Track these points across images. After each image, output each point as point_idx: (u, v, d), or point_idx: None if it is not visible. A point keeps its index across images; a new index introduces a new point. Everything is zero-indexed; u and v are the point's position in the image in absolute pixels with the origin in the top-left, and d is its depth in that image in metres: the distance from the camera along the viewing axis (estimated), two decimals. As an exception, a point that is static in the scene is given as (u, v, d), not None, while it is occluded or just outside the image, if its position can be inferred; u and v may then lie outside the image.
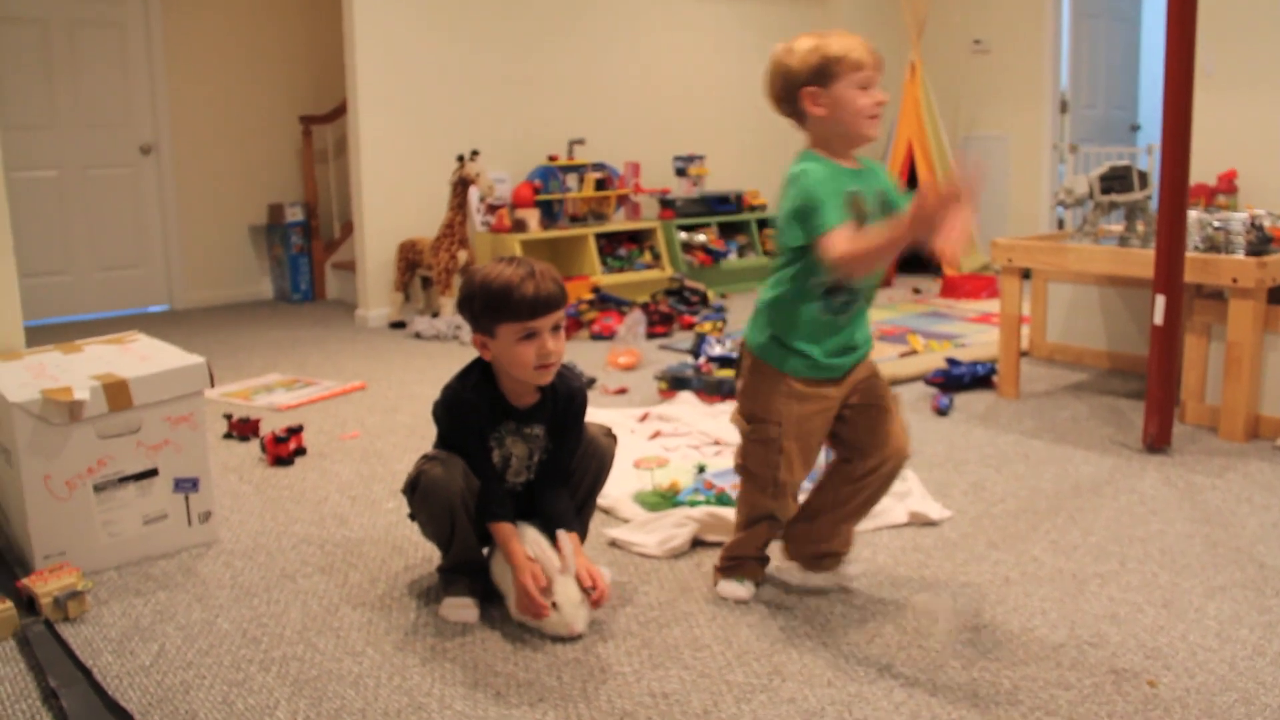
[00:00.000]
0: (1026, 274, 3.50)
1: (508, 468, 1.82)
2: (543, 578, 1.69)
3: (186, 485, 2.11)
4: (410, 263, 4.79)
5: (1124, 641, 1.66)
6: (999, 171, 6.24)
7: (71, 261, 5.30)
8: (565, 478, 1.83)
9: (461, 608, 1.78)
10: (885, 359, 3.84)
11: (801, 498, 1.85)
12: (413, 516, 1.90)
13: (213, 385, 2.15)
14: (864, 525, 2.15)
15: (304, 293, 5.83)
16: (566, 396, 1.80)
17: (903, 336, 4.22)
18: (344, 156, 5.80)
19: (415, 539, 2.16)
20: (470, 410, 1.75)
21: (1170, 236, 2.55)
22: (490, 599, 1.83)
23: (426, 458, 1.77)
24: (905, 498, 2.28)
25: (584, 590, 1.72)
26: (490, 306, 1.66)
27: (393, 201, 4.91)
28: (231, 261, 5.83)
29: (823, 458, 1.88)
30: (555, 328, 1.70)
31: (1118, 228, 3.16)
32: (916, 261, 6.28)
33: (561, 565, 1.72)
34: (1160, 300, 2.58)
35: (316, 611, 1.82)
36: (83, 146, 5.26)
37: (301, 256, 5.79)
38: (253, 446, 2.85)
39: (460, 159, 4.57)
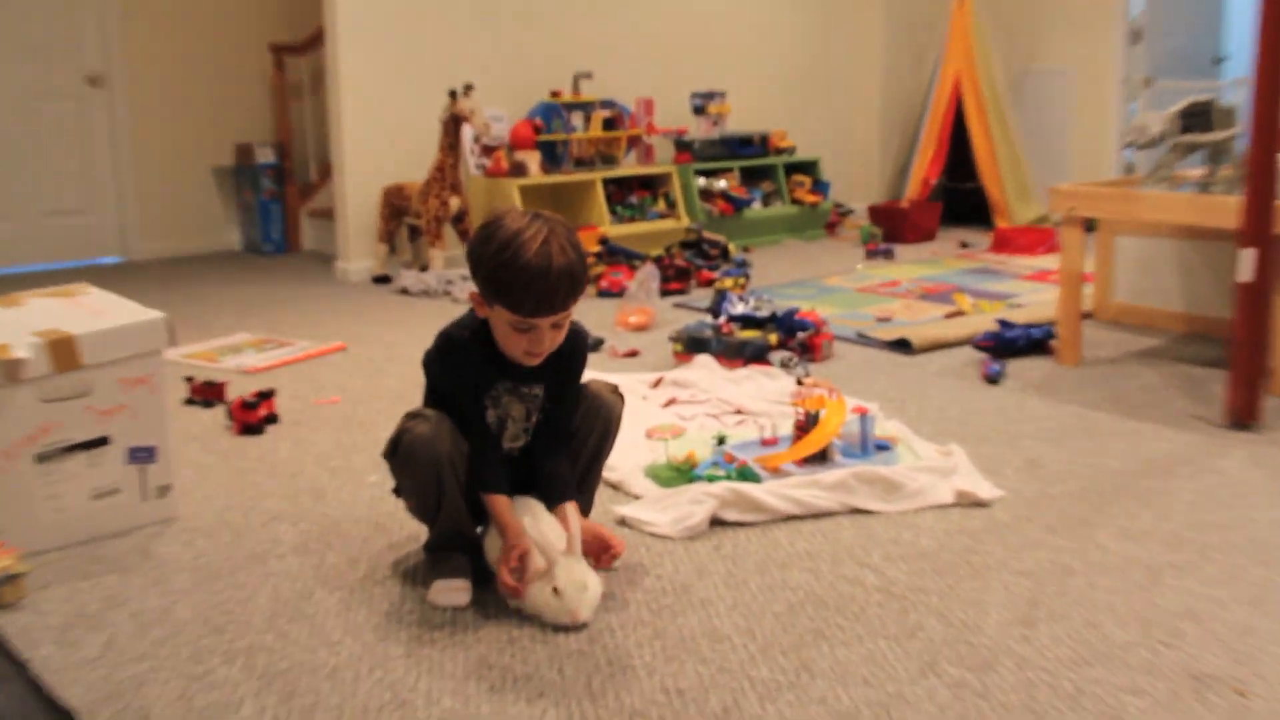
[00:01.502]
0: (1090, 225, 3.44)
1: (504, 430, 1.81)
2: (535, 562, 1.68)
3: (142, 455, 2.09)
4: (396, 210, 4.76)
5: (1205, 642, 1.63)
6: (1061, 109, 6.15)
7: (11, 207, 5.28)
8: (565, 441, 1.83)
9: (452, 591, 1.77)
10: (928, 320, 3.82)
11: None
12: (397, 491, 1.88)
13: (173, 344, 2.13)
14: (904, 505, 2.15)
15: (276, 244, 5.82)
16: (567, 351, 1.78)
17: (948, 295, 4.20)
18: (321, 91, 5.74)
19: (400, 515, 2.14)
20: (468, 359, 1.73)
21: (1260, 181, 2.49)
22: (484, 582, 1.82)
23: (410, 415, 1.76)
24: (951, 475, 2.26)
25: (593, 556, 1.71)
26: (494, 283, 1.65)
27: (376, 142, 4.87)
28: (194, 208, 5.81)
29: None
30: (557, 324, 1.69)
31: (1198, 172, 3.10)
32: (966, 211, 6.23)
33: (565, 545, 1.70)
34: (1248, 254, 2.52)
35: (288, 596, 1.81)
36: (21, 77, 5.21)
37: (273, 203, 5.76)
38: (218, 413, 2.84)
39: (452, 94, 4.52)
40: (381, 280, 4.81)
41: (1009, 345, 3.31)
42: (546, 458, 1.80)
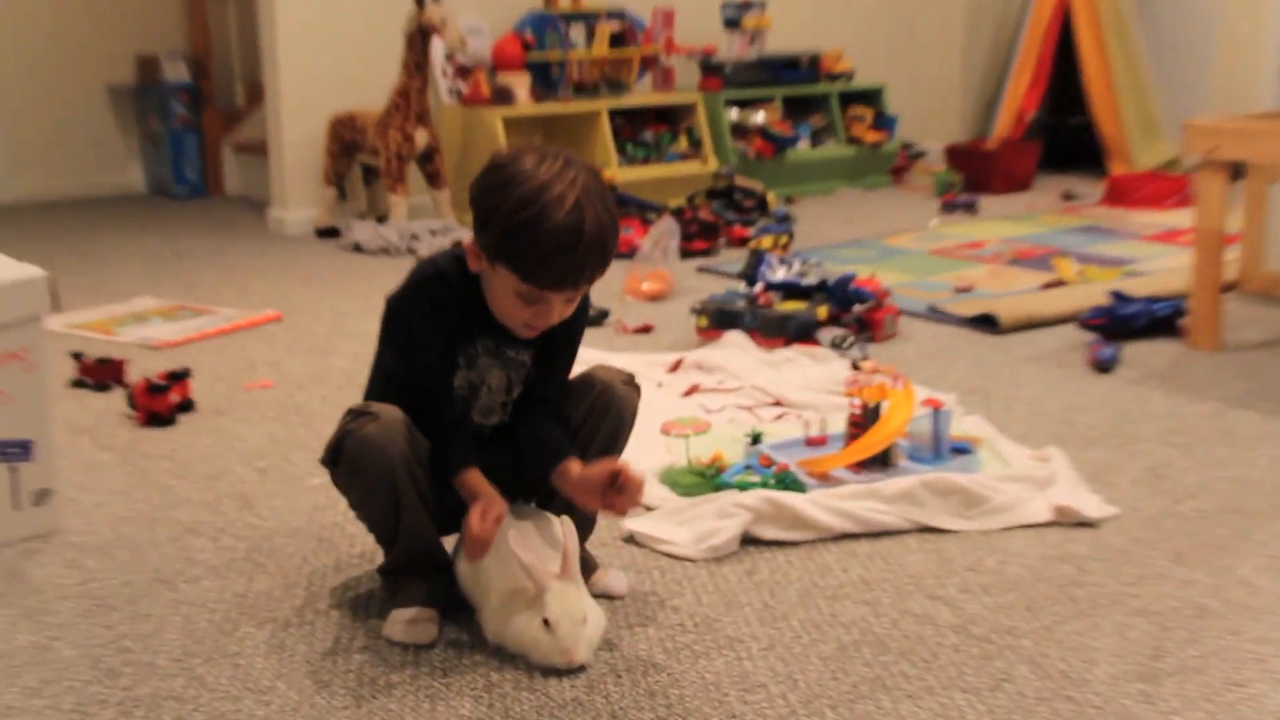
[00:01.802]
0: (1237, 172, 3.42)
1: (474, 399, 1.82)
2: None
3: (15, 452, 2.09)
4: (347, 145, 4.77)
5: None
6: (1201, 24, 6.10)
7: None
8: (554, 410, 1.83)
9: (414, 624, 1.77)
10: (1021, 291, 3.81)
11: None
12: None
13: (57, 310, 2.13)
14: (988, 523, 2.15)
15: (192, 185, 5.83)
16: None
17: (1047, 260, 4.19)
18: (251, -8, 5.74)
19: (351, 528, 2.14)
20: (452, 296, 1.74)
21: None
22: (455, 612, 1.81)
23: (353, 412, 1.76)
24: (1048, 486, 2.26)
25: (593, 498, 1.71)
26: (507, 244, 1.64)
27: (321, 57, 4.87)
28: (83, 139, 5.82)
29: None
30: (572, 297, 1.71)
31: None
32: (1072, 154, 6.20)
33: (561, 568, 1.70)
34: None
35: (205, 631, 1.81)
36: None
37: (188, 133, 5.77)
38: (116, 398, 2.85)
39: (419, 0, 4.52)
40: (328, 234, 4.81)
41: (1125, 324, 3.30)
42: (532, 420, 1.81)
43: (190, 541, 2.11)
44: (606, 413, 1.86)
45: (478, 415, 1.83)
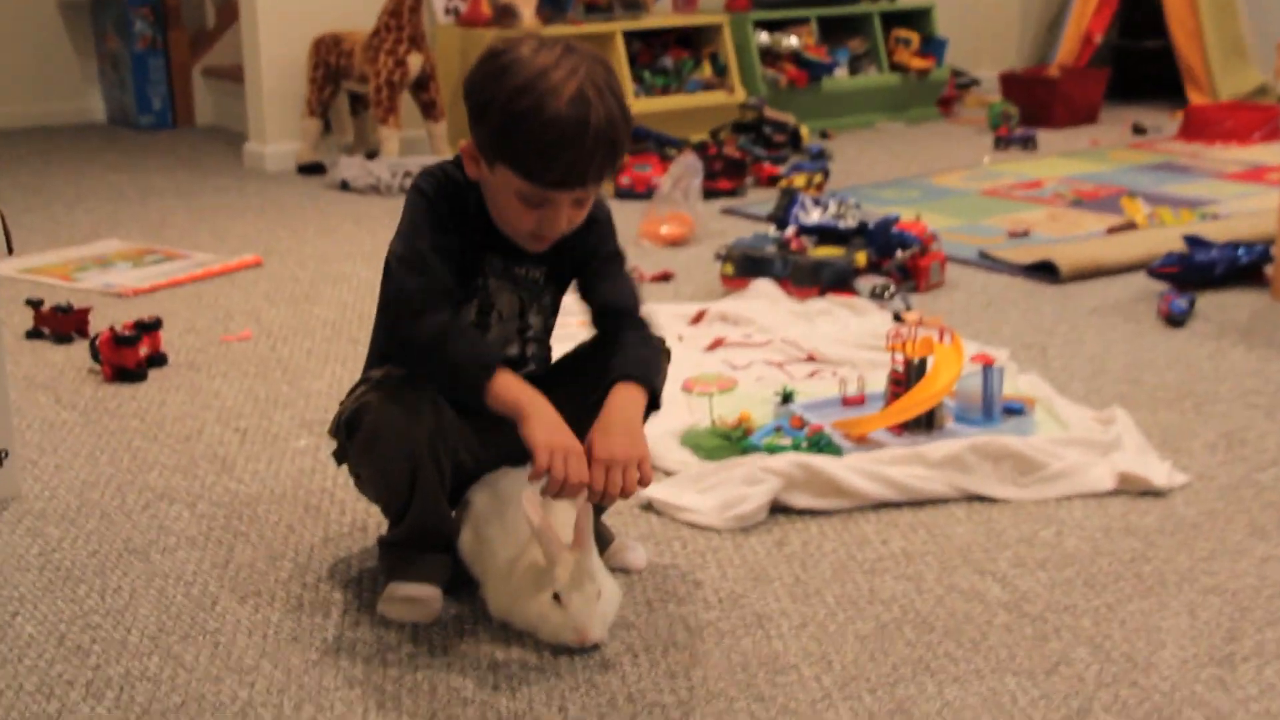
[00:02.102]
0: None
1: (486, 327, 1.83)
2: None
3: (-29, 407, 2.13)
4: (331, 72, 4.76)
5: None
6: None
7: None
8: (626, 317, 1.83)
9: (414, 601, 1.79)
10: (1084, 236, 3.80)
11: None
12: (341, 458, 1.90)
13: (9, 253, 2.14)
14: (1044, 491, 2.17)
15: (158, 115, 5.83)
16: (586, 224, 1.78)
17: (1114, 201, 4.18)
18: (223, -102, 5.72)
19: (342, 494, 2.17)
20: (460, 206, 1.75)
21: None
22: (458, 587, 1.83)
23: (372, 383, 1.76)
24: (1112, 451, 2.27)
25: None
26: (505, 139, 1.65)
27: (302, -29, 4.85)
28: (34, 61, 5.83)
29: None
30: (580, 200, 1.71)
31: None
32: (1144, 82, 6.16)
33: (573, 539, 1.72)
34: None
35: (181, 606, 1.83)
36: None
37: (151, 56, 5.77)
38: (79, 351, 2.87)
39: (410, -97, 4.50)
40: (311, 170, 4.82)
41: (1202, 272, 3.29)
42: (605, 337, 1.82)
43: (164, 509, 2.13)
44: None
45: (492, 340, 1.83)
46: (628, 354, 1.77)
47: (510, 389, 1.68)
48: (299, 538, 2.04)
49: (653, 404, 1.79)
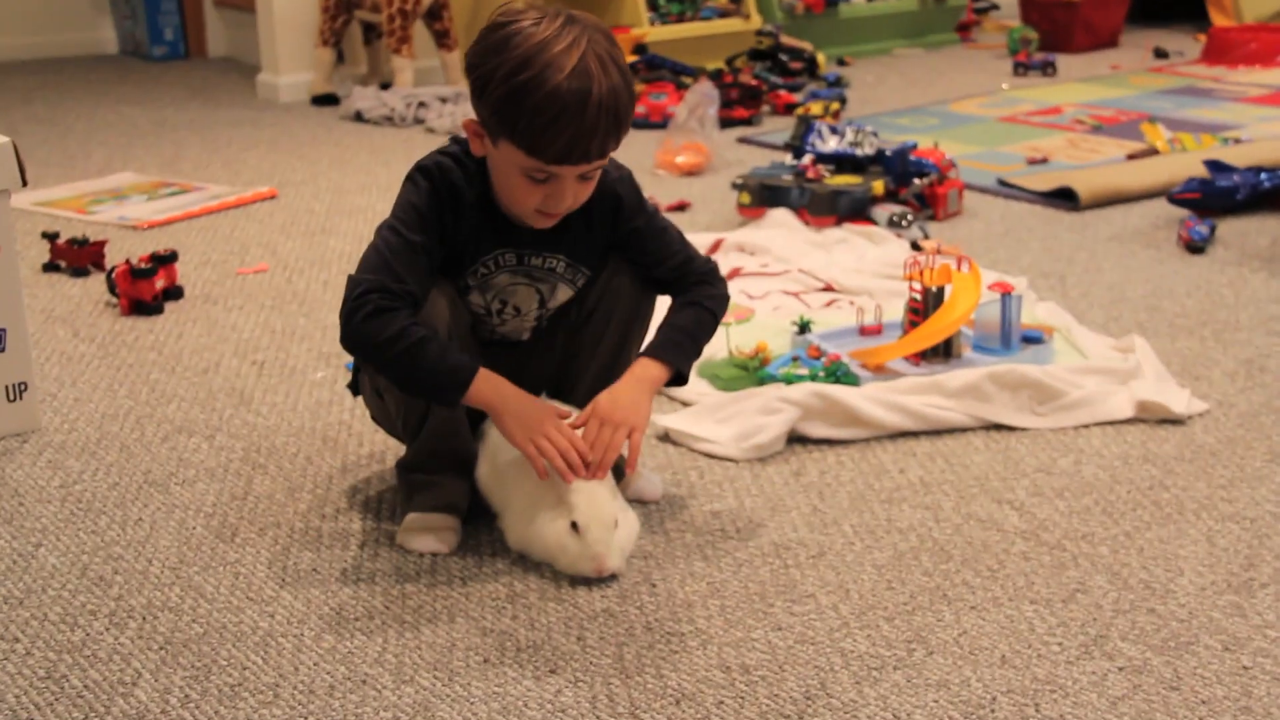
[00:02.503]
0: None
1: (503, 321, 1.84)
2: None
3: (-11, 341, 2.13)
4: (344, 1, 4.71)
5: None
6: None
7: None
8: (675, 284, 1.87)
9: (432, 530, 1.80)
10: (1103, 162, 3.77)
11: None
12: (355, 388, 1.90)
13: (24, 185, 2.13)
14: (1062, 420, 2.16)
15: (171, 46, 5.80)
16: (609, 204, 1.79)
17: (1134, 127, 4.14)
18: None
19: (359, 425, 2.18)
20: (460, 201, 1.73)
21: None
22: (476, 517, 1.84)
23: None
24: (1131, 379, 2.27)
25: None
26: (508, 113, 1.64)
27: (312, -102, 4.80)
28: (52, -6, 5.79)
29: None
30: (586, 175, 1.70)
31: None
32: (1165, 4, 6.08)
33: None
34: None
35: (201, 537, 1.85)
36: None
37: (167, -12, 5.73)
38: (95, 284, 2.87)
39: None
40: (325, 101, 4.79)
41: (1223, 198, 3.27)
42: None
43: (183, 441, 2.14)
44: (620, 297, 1.86)
45: (501, 330, 1.85)
46: (665, 331, 1.84)
47: (480, 392, 1.71)
48: (317, 469, 2.05)
49: (679, 379, 1.84)
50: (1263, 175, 3.31)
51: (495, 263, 1.79)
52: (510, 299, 1.82)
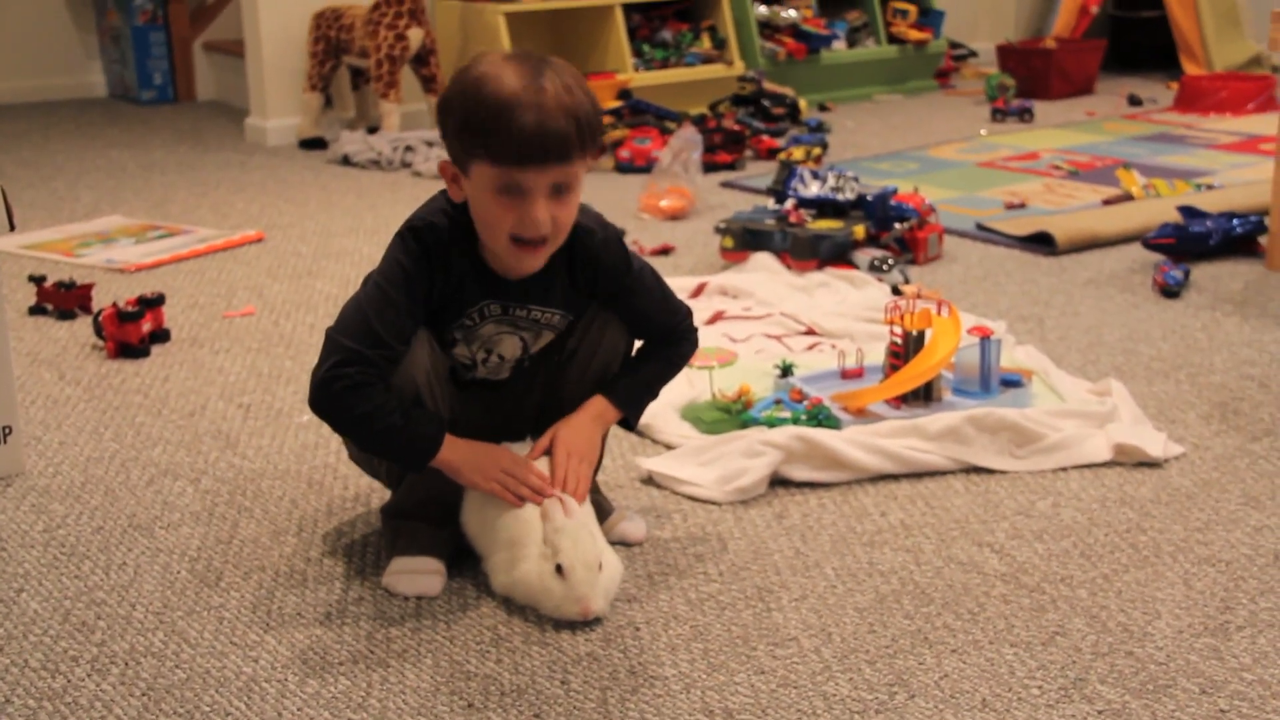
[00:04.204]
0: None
1: (483, 368, 1.85)
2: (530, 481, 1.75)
3: (-27, 384, 2.12)
4: (332, 46, 4.74)
5: None
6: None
7: None
8: (653, 349, 1.91)
9: (418, 574, 1.80)
10: (1080, 207, 3.79)
11: None
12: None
13: (11, 229, 2.13)
14: (1041, 463, 2.17)
15: (159, 90, 5.80)
16: (595, 266, 1.80)
17: (1110, 172, 4.17)
18: (222, -128, 5.68)
19: (345, 468, 2.17)
20: (444, 255, 1.73)
21: None
22: (461, 561, 1.84)
23: None
24: (1108, 423, 2.27)
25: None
26: (467, 127, 1.66)
27: (301, -55, 4.83)
28: (34, 36, 5.80)
29: None
30: (559, 188, 1.68)
31: None
32: (1140, 53, 6.13)
33: (574, 509, 1.72)
34: None
35: (185, 581, 1.84)
36: None
37: (152, 30, 5.74)
38: (82, 326, 2.87)
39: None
40: (313, 144, 4.80)
41: (1196, 243, 3.28)
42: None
43: (168, 485, 2.13)
44: (606, 329, 1.86)
45: (482, 373, 1.86)
46: (628, 378, 1.88)
47: (441, 459, 1.76)
48: (302, 512, 2.04)
49: (625, 424, 1.91)
50: (1235, 221, 3.33)
51: (480, 314, 1.79)
52: (495, 348, 1.83)
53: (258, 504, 2.07)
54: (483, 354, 1.83)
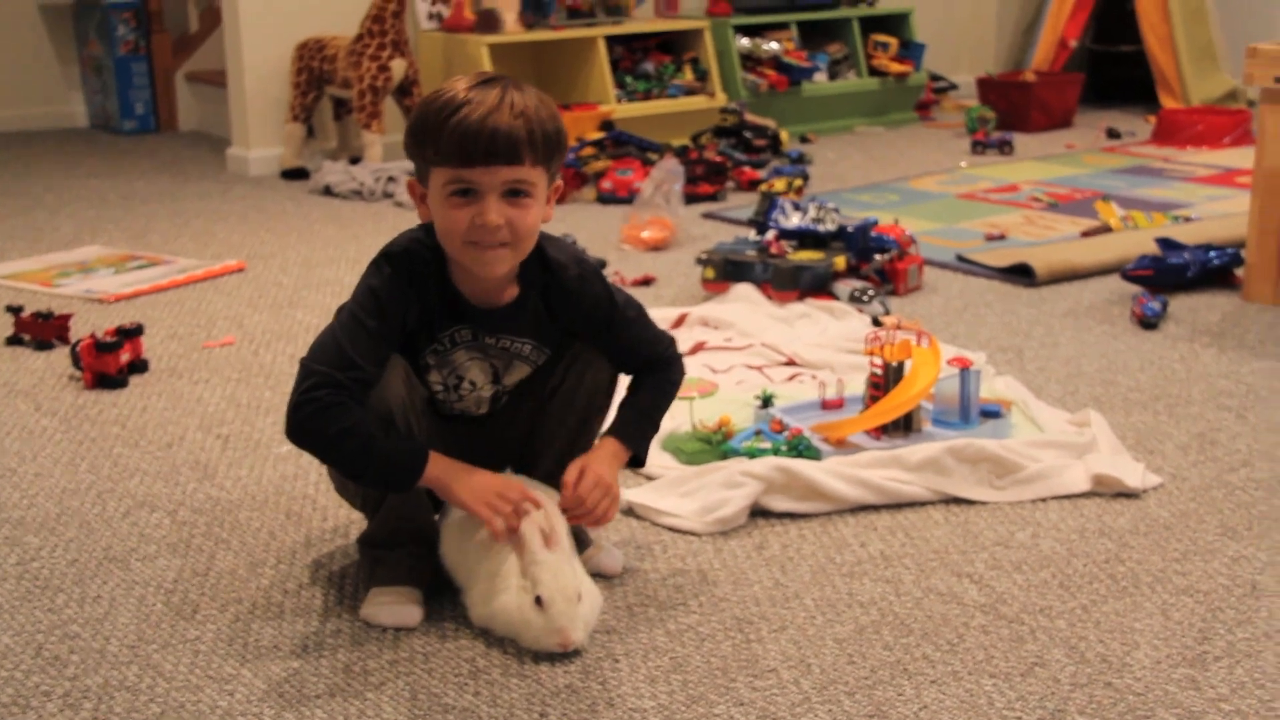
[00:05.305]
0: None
1: (456, 399, 1.85)
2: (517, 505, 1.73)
3: (-41, 410, 2.12)
4: (315, 77, 4.75)
5: None
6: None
7: None
8: (641, 383, 1.92)
9: (397, 605, 1.79)
10: (1059, 239, 3.81)
11: None
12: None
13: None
14: (1020, 494, 2.17)
15: (141, 120, 5.81)
16: (574, 301, 1.81)
17: (1088, 205, 4.20)
18: (206, -96, 5.70)
19: (324, 499, 2.16)
20: (418, 279, 1.74)
21: None
22: (440, 591, 1.83)
23: None
24: (1087, 453, 2.28)
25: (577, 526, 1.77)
26: (419, 133, 1.72)
27: (285, -23, 4.84)
28: (16, 65, 5.80)
29: None
30: (514, 191, 1.70)
31: None
32: (1119, 86, 6.18)
33: (549, 539, 1.72)
34: None
35: (161, 614, 1.83)
36: None
37: (134, 61, 5.75)
38: (59, 357, 2.86)
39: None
40: (295, 175, 4.80)
41: (1174, 275, 3.30)
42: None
43: (144, 516, 2.12)
44: (588, 367, 1.87)
45: (458, 407, 1.86)
46: (629, 413, 1.88)
47: (429, 474, 1.74)
48: (280, 543, 2.03)
49: (636, 461, 1.90)
50: (1212, 253, 3.36)
51: (452, 339, 1.80)
52: (466, 375, 1.83)
53: (235, 535, 2.06)
54: (454, 380, 1.83)
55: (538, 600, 1.69)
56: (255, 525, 2.09)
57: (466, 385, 1.84)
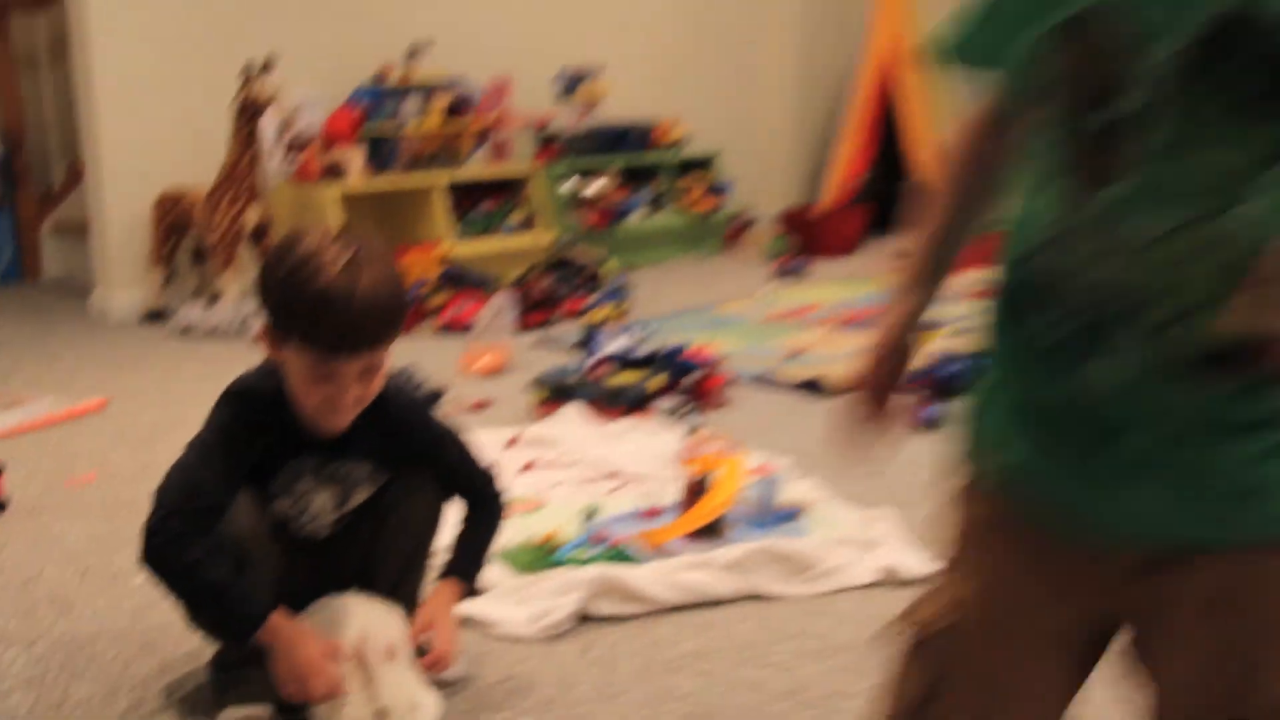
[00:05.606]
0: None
1: (302, 522, 1.83)
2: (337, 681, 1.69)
3: None
4: (174, 225, 4.69)
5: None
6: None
7: None
8: (471, 517, 1.91)
9: (245, 722, 1.76)
10: (850, 353, 3.91)
11: None
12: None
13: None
14: (815, 587, 2.22)
15: (6, 269, 5.63)
16: (401, 423, 1.82)
17: (878, 321, 4.31)
18: (65, 61, 5.62)
19: (177, 627, 2.10)
20: (264, 417, 1.73)
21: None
22: (288, 709, 1.79)
23: None
24: (875, 547, 2.35)
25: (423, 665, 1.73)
26: (286, 311, 1.67)
27: (145, 133, 4.79)
28: (-104, 223, 5.59)
29: None
30: (368, 370, 1.70)
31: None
32: (892, 217, 6.44)
33: (388, 649, 1.71)
34: None
35: (19, 744, 1.77)
36: None
37: (0, 213, 5.59)
38: (-75, 496, 2.74)
39: (246, 74, 4.49)
40: (156, 317, 4.71)
41: (950, 383, 3.36)
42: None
43: (0, 653, 2.05)
44: (417, 492, 1.87)
45: (309, 525, 1.84)
46: (463, 548, 1.89)
47: (261, 637, 1.68)
48: (135, 672, 1.97)
49: (470, 592, 1.90)
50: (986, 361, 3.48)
51: (297, 469, 1.79)
52: (313, 501, 1.82)
53: (91, 667, 1.99)
54: (303, 504, 1.82)
55: (379, 712, 1.68)
56: (111, 655, 2.02)
57: (311, 513, 1.83)
